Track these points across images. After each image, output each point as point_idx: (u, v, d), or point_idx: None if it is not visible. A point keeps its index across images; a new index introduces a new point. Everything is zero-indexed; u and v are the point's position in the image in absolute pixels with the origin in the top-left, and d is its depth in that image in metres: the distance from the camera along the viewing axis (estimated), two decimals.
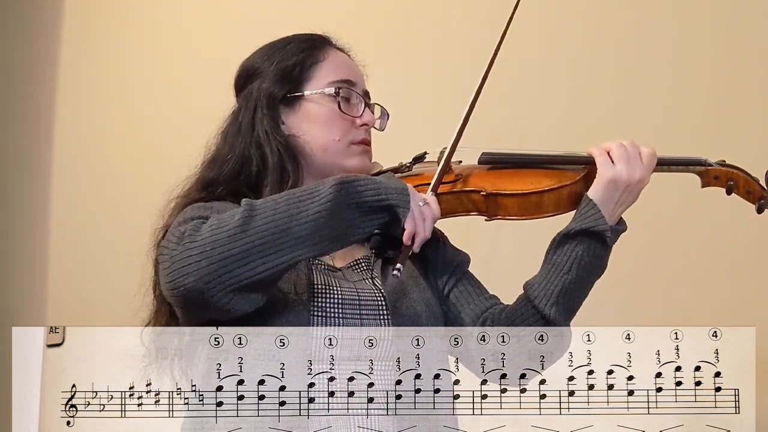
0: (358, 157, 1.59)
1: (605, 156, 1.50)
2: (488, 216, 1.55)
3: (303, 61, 1.60)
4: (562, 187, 1.52)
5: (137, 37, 3.13)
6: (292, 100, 1.59)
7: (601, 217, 1.48)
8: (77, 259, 3.08)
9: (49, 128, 3.18)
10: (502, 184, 1.54)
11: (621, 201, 1.50)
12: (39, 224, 3.15)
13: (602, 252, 1.49)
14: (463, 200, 1.55)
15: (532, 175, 1.56)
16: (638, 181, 1.49)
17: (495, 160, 1.61)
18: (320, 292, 1.44)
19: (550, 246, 1.51)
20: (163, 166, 2.88)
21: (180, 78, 2.99)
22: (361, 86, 1.63)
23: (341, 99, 1.58)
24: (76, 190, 3.13)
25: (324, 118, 1.58)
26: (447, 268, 1.63)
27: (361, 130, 1.60)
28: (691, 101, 2.50)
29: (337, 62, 1.62)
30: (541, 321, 1.48)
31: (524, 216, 1.53)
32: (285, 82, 1.59)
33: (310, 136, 1.58)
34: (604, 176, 1.49)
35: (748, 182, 1.56)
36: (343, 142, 1.58)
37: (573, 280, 1.48)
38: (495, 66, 1.60)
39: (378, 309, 1.47)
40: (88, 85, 3.15)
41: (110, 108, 3.11)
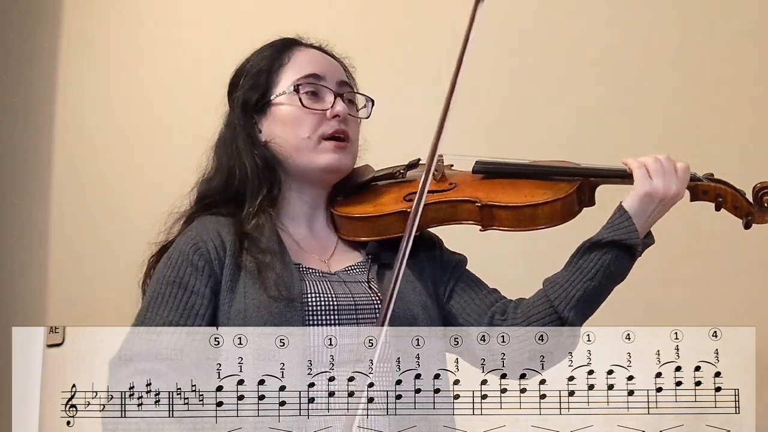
0: (331, 153, 1.58)
1: (643, 170, 1.51)
2: (483, 226, 1.56)
3: (269, 66, 1.62)
4: (556, 200, 1.53)
5: (138, 37, 3.12)
6: (264, 107, 1.61)
7: (635, 230, 1.49)
8: (77, 259, 3.07)
9: (49, 128, 3.17)
10: (496, 196, 1.55)
11: (654, 214, 1.51)
12: (39, 224, 3.15)
13: (628, 263, 1.51)
14: (458, 209, 1.56)
15: (526, 186, 1.57)
16: (673, 196, 1.51)
17: (489, 170, 1.62)
18: (313, 300, 1.45)
19: (577, 249, 1.52)
20: (163, 166, 2.89)
21: (181, 78, 2.99)
22: (333, 78, 1.62)
23: (304, 95, 1.58)
24: (76, 191, 3.13)
25: (290, 117, 1.59)
26: (445, 270, 1.63)
27: (334, 122, 1.59)
28: (680, 112, 2.52)
29: (301, 61, 1.62)
30: (557, 321, 1.50)
31: (518, 228, 1.55)
32: (255, 90, 1.61)
33: (282, 139, 1.59)
34: (641, 189, 1.50)
35: (735, 197, 1.56)
36: (313, 138, 1.58)
37: (595, 287, 1.49)
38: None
39: (374, 313, 1.48)
40: (88, 85, 3.15)
41: (110, 108, 3.10)
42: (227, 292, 1.45)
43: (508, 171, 1.62)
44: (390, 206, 1.59)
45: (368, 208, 1.61)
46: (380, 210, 1.59)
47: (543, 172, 1.59)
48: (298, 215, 1.61)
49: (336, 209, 1.63)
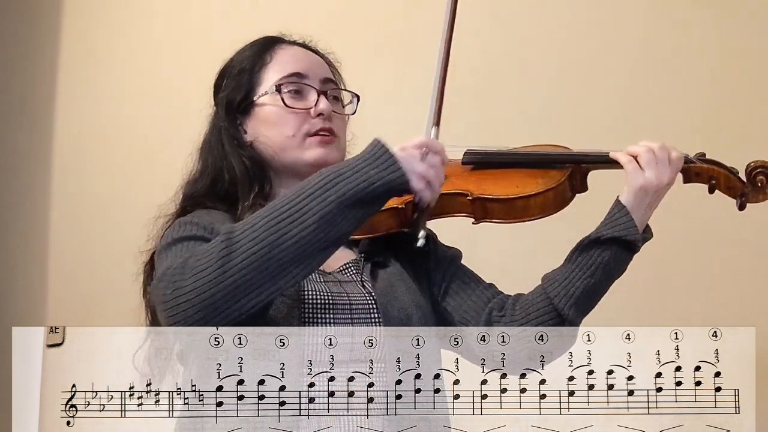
0: (317, 148, 1.57)
1: (634, 164, 1.50)
2: (475, 219, 1.56)
3: (252, 66, 1.61)
4: (548, 190, 1.53)
5: (138, 37, 3.12)
6: (247, 107, 1.61)
7: (634, 225, 1.48)
8: (77, 259, 3.08)
9: (49, 128, 3.17)
10: (487, 188, 1.55)
11: (650, 205, 1.51)
12: (39, 224, 3.15)
13: (627, 258, 1.50)
14: (450, 202, 1.55)
15: (518, 176, 1.56)
16: (666, 185, 1.50)
17: (479, 160, 1.61)
18: (309, 299, 1.44)
19: (576, 246, 1.52)
20: (163, 166, 2.87)
21: (181, 78, 2.99)
22: (317, 75, 1.61)
23: (287, 94, 1.58)
24: (76, 191, 3.13)
25: (274, 117, 1.58)
26: (440, 265, 1.63)
27: (318, 120, 1.58)
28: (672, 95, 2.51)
29: (284, 59, 1.62)
30: (557, 318, 1.49)
31: (511, 220, 1.54)
32: (238, 90, 1.61)
33: (267, 138, 1.58)
34: (634, 183, 1.49)
35: (728, 178, 1.54)
36: (297, 137, 1.57)
37: (594, 284, 1.49)
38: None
39: (369, 312, 1.47)
40: (88, 85, 3.15)
41: (110, 108, 3.11)
42: None
43: (498, 161, 1.60)
44: None
45: None
46: None
47: (534, 161, 1.58)
48: None
49: None
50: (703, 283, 2.42)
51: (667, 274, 2.40)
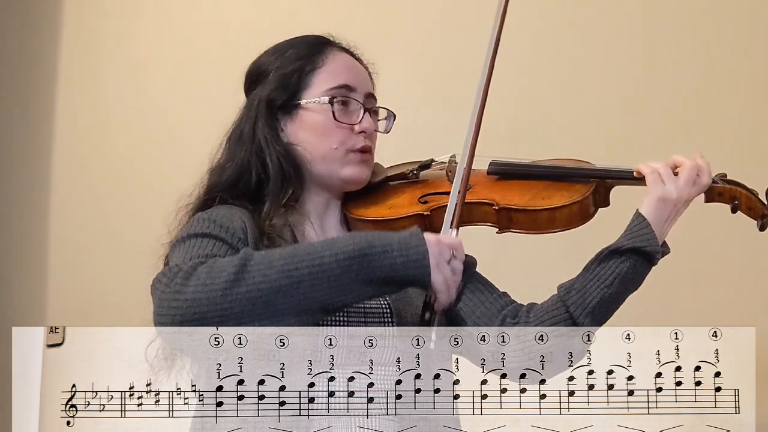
0: (355, 166, 1.58)
1: (656, 175, 1.51)
2: (500, 229, 1.56)
3: (301, 68, 1.59)
4: (574, 203, 1.54)
5: (139, 36, 3.12)
6: (291, 109, 1.59)
7: (654, 237, 1.49)
8: (77, 259, 3.07)
9: (49, 128, 3.17)
10: (513, 198, 1.55)
11: (670, 218, 1.51)
12: (39, 224, 3.15)
13: (645, 271, 1.51)
14: (475, 211, 1.55)
15: (542, 188, 1.57)
16: (687, 199, 1.51)
17: (505, 171, 1.62)
18: None
19: (596, 256, 1.52)
20: (163, 166, 2.89)
21: (182, 78, 2.99)
22: (362, 89, 1.61)
23: (337, 107, 1.57)
24: (76, 190, 3.12)
25: (321, 127, 1.57)
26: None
27: (360, 137, 1.58)
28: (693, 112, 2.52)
29: (335, 67, 1.60)
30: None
31: (535, 231, 1.55)
32: (284, 90, 1.59)
33: (308, 144, 1.57)
34: (655, 195, 1.50)
35: (750, 199, 1.55)
36: (340, 150, 1.57)
37: (612, 294, 1.49)
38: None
39: (383, 317, 1.47)
40: (88, 84, 3.15)
41: (110, 108, 3.10)
42: None
43: (523, 172, 1.61)
44: (405, 209, 1.58)
45: (383, 210, 1.59)
46: (396, 213, 1.58)
47: (559, 174, 1.59)
48: (311, 214, 1.59)
49: (350, 211, 1.61)
50: (703, 283, 2.42)
51: (667, 274, 2.39)
